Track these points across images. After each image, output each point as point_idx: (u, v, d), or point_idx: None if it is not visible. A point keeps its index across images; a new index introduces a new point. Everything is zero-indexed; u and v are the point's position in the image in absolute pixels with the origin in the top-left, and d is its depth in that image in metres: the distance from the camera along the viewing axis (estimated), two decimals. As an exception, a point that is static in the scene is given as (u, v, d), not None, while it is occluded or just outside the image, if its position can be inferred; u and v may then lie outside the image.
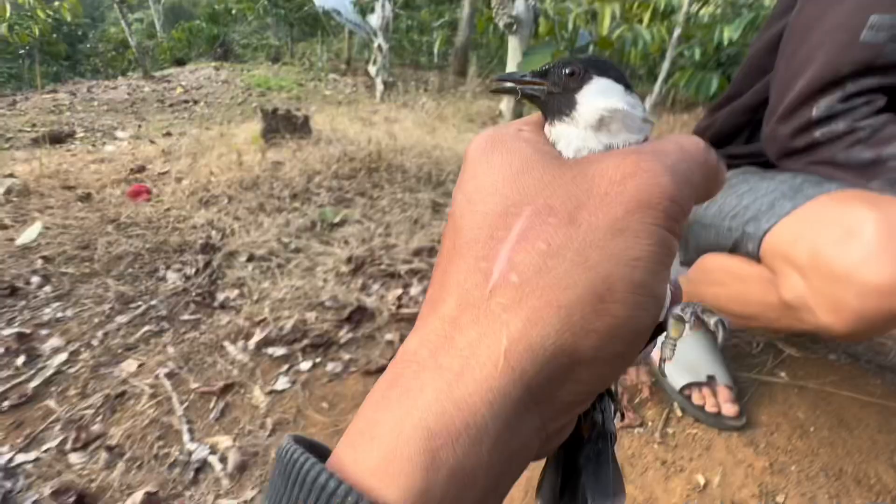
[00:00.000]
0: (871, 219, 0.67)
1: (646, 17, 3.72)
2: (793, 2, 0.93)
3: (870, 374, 1.25)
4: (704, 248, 1.03)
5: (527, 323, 0.18)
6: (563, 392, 0.19)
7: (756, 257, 0.88)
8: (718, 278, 0.99)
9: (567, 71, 0.23)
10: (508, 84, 0.24)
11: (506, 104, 1.23)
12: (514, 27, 1.10)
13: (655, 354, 1.19)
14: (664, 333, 0.22)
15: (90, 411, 1.07)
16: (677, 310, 0.22)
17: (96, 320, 1.37)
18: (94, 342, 1.29)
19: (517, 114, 1.24)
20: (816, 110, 0.79)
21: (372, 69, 5.55)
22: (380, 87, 5.43)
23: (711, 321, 0.23)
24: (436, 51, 9.61)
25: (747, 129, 1.09)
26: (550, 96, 0.23)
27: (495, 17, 1.09)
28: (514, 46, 1.13)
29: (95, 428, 1.03)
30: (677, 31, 4.23)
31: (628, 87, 0.23)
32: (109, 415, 1.07)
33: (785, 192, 0.86)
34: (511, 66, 1.17)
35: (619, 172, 0.20)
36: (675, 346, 0.22)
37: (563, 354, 0.18)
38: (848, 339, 1.18)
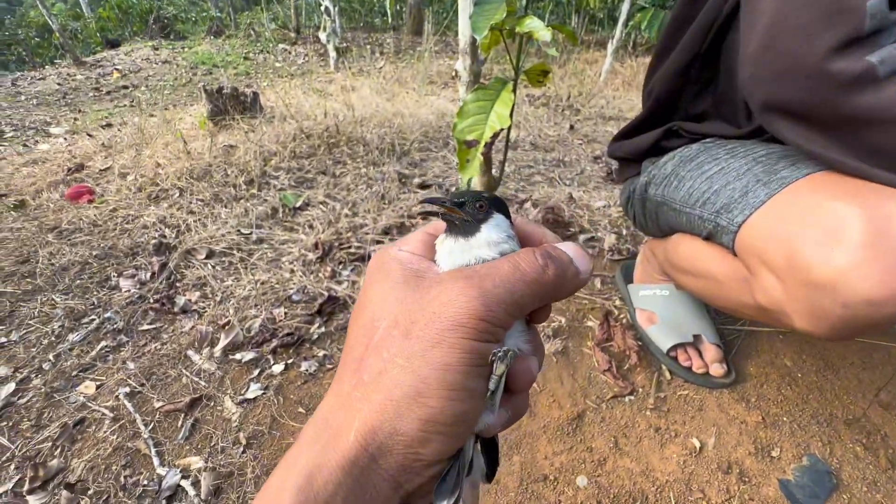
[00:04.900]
0: (857, 218, 0.57)
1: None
2: None
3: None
4: (677, 229, 0.93)
5: (371, 412, 0.25)
6: (406, 460, 0.25)
7: (732, 251, 0.76)
8: (693, 268, 0.88)
9: (478, 205, 0.32)
10: (434, 208, 0.31)
11: (461, 63, 1.13)
12: (465, -24, 0.98)
13: (640, 318, 1.16)
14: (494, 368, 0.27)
15: (48, 444, 0.98)
16: (499, 352, 0.27)
17: (45, 342, 1.26)
18: (46, 366, 1.18)
19: (474, 73, 1.15)
20: (870, 19, 0.52)
21: (322, 35, 5.21)
22: (333, 54, 5.12)
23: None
24: (388, 10, 9.11)
25: (686, 92, 0.95)
26: (462, 222, 0.32)
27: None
28: (465, -2, 1.02)
29: (54, 463, 0.95)
30: (637, -30, 4.07)
31: (508, 216, 0.33)
32: (69, 446, 0.99)
33: (759, 176, 0.74)
34: (463, 19, 1.06)
35: (447, 296, 0.26)
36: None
37: (397, 434, 0.25)
38: (827, 340, 1.05)
